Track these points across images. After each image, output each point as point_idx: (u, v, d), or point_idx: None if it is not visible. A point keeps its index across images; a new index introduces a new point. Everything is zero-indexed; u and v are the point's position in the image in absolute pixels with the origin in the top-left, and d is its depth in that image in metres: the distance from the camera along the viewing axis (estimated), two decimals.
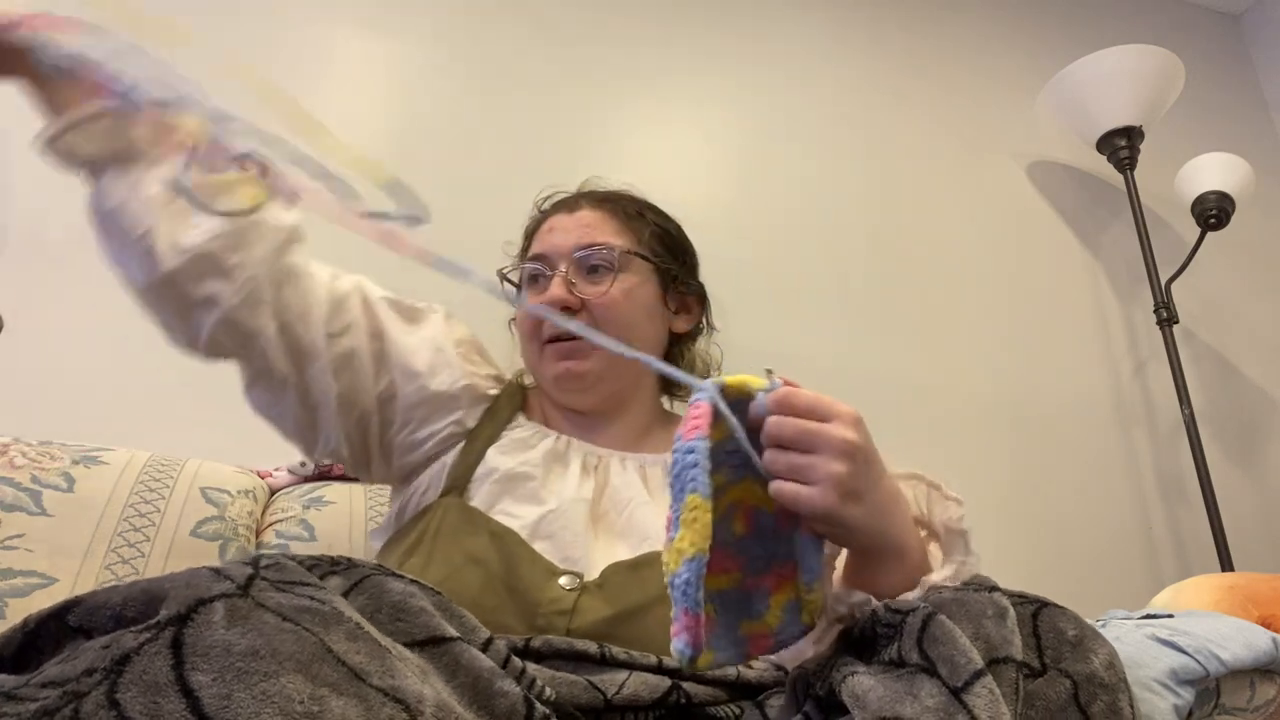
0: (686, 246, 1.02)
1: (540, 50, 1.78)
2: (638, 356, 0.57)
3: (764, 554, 0.57)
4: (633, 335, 0.91)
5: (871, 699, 0.45)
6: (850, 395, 0.67)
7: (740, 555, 0.56)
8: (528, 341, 0.93)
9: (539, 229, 0.98)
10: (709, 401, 0.51)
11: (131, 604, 0.39)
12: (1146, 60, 1.87)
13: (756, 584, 0.56)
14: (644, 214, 0.99)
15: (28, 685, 0.34)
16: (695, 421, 0.50)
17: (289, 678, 0.35)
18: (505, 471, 0.81)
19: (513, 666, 0.49)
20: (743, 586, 0.56)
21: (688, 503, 0.46)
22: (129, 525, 0.99)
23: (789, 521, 0.57)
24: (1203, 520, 1.69)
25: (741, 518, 0.57)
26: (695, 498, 0.46)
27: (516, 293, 1.02)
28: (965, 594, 0.51)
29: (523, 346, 0.95)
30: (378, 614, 0.45)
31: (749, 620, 0.56)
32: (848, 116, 1.98)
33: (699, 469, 0.47)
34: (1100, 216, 2.10)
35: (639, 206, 1.00)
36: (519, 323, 0.96)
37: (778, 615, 0.56)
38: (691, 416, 0.50)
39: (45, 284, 1.31)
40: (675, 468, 0.48)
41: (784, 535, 0.58)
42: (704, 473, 0.47)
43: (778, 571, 0.57)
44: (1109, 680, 0.48)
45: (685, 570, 0.45)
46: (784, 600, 0.56)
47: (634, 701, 0.58)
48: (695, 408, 0.51)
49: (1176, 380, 1.77)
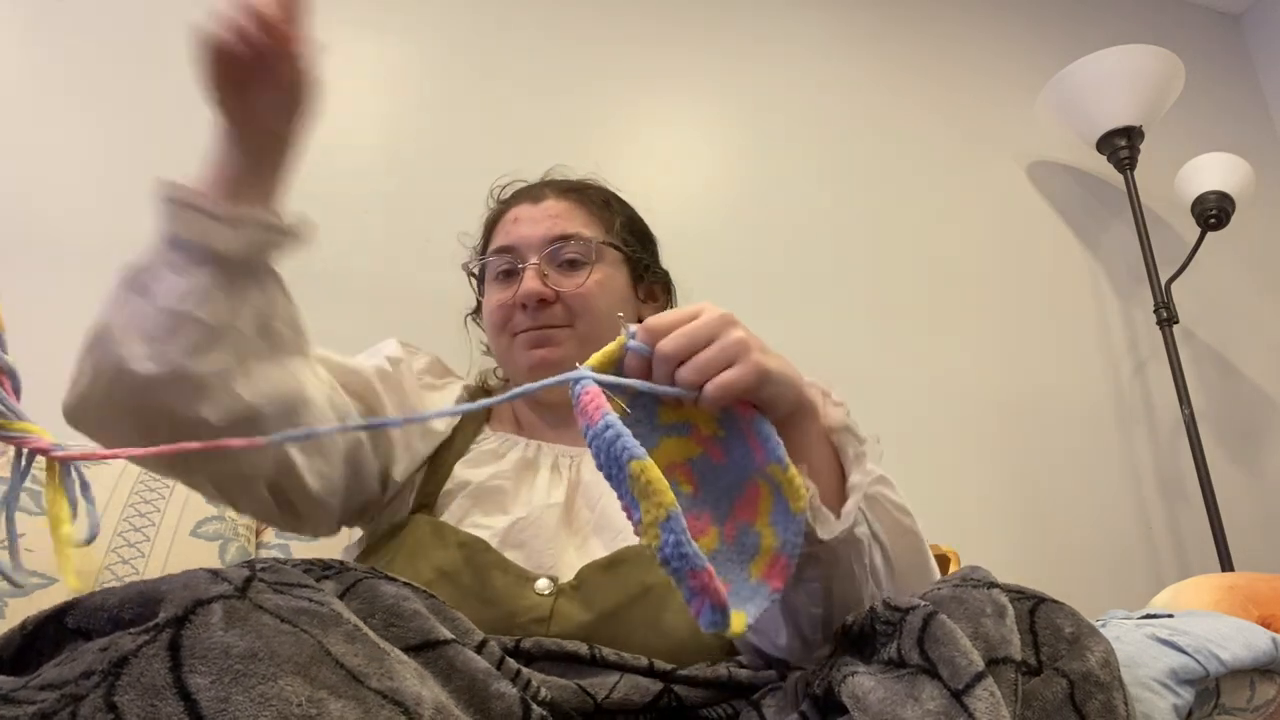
0: (650, 234, 1.02)
1: (540, 50, 1.78)
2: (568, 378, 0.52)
3: (721, 495, 0.57)
4: (605, 324, 0.90)
5: (872, 700, 0.45)
6: (850, 395, 0.67)
7: (704, 511, 0.56)
8: (497, 334, 0.91)
9: (500, 220, 0.96)
10: (591, 385, 0.49)
11: (129, 606, 0.39)
12: (1146, 60, 1.87)
13: (734, 525, 0.56)
14: (610, 203, 0.98)
15: (26, 688, 0.34)
16: (593, 403, 0.47)
17: (287, 680, 0.35)
18: (476, 485, 0.80)
19: (508, 668, 0.49)
20: (725, 538, 0.55)
21: (630, 472, 0.44)
22: (129, 525, 0.99)
23: (721, 445, 0.57)
24: (1203, 520, 1.69)
25: (682, 477, 0.56)
26: (635, 464, 0.44)
27: (479, 287, 1.01)
28: (964, 590, 0.51)
29: (492, 340, 0.94)
30: (371, 619, 0.44)
31: (752, 560, 0.54)
32: (848, 116, 1.98)
33: (622, 437, 0.45)
34: (1100, 216, 2.09)
35: (605, 195, 0.99)
36: (487, 315, 0.94)
37: (771, 534, 0.55)
38: (585, 404, 0.48)
39: (45, 284, 1.31)
40: (600, 455, 0.46)
41: (725, 465, 0.57)
42: (630, 438, 0.45)
43: (741, 501, 0.56)
44: (1104, 679, 0.48)
45: (667, 534, 0.42)
46: (765, 517, 0.55)
47: (625, 705, 0.57)
48: (584, 395, 0.48)
49: (1176, 380, 1.77)
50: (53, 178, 1.38)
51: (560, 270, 0.89)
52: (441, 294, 1.47)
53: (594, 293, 0.89)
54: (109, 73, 1.47)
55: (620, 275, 0.94)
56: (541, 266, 0.88)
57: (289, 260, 0.72)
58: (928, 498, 0.69)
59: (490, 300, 0.93)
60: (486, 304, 0.95)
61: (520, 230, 0.92)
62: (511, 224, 0.93)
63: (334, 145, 1.57)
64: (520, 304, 0.88)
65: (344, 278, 1.46)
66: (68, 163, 1.40)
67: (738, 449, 0.58)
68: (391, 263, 1.50)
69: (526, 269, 0.88)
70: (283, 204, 0.68)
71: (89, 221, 1.37)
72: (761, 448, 0.56)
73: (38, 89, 1.43)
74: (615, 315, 0.92)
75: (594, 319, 0.88)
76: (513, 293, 0.89)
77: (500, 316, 0.90)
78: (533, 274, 0.88)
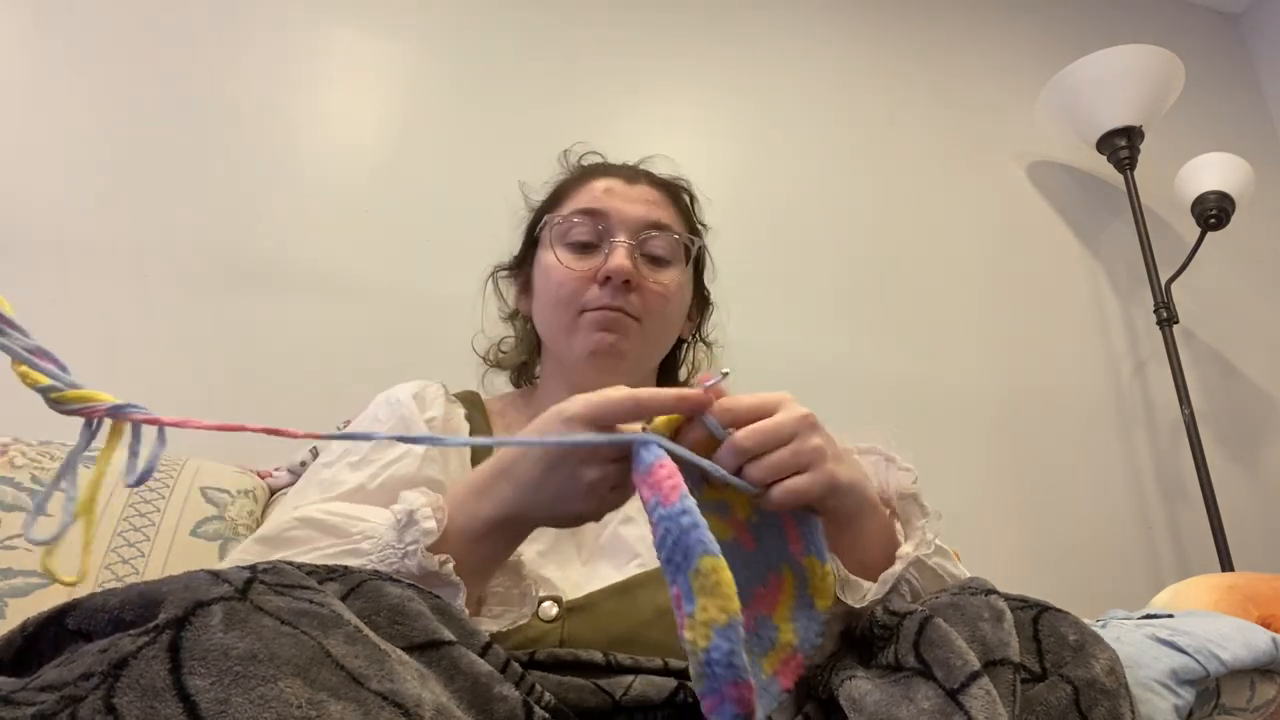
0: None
1: (541, 49, 1.78)
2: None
3: (744, 584, 0.54)
4: (668, 331, 0.88)
5: (868, 703, 0.45)
6: (850, 395, 0.67)
7: None
8: (560, 306, 0.84)
9: (584, 185, 0.89)
10: (664, 455, 0.46)
11: (129, 607, 0.39)
12: (1146, 60, 1.87)
13: (752, 616, 0.54)
14: (694, 209, 0.95)
15: (25, 689, 0.34)
16: (669, 481, 0.44)
17: (287, 682, 0.34)
18: None
19: (511, 671, 0.48)
20: (745, 627, 0.55)
21: (700, 568, 0.41)
22: (129, 525, 0.99)
23: (753, 531, 0.56)
24: (1203, 520, 1.69)
25: None
26: (709, 559, 0.41)
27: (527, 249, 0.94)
28: (962, 597, 0.51)
29: (548, 311, 0.86)
30: (375, 617, 0.44)
31: (768, 655, 0.53)
32: (848, 116, 1.98)
33: (701, 529, 0.42)
34: (1100, 216, 2.09)
35: (690, 200, 0.96)
36: (553, 283, 0.85)
37: (790, 630, 0.53)
38: (660, 479, 0.45)
39: (46, 284, 1.31)
40: (667, 539, 0.43)
41: (753, 553, 0.56)
42: (707, 531, 0.42)
43: (762, 592, 0.55)
44: (1110, 686, 0.48)
45: (721, 641, 0.40)
46: (786, 613, 0.54)
47: (642, 702, 0.57)
48: (660, 468, 0.45)
49: (1176, 380, 1.77)
50: (52, 178, 1.38)
51: (645, 260, 0.84)
52: (442, 295, 1.47)
53: (672, 296, 0.85)
54: (108, 73, 1.47)
55: (689, 286, 0.91)
56: (633, 247, 0.83)
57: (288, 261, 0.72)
58: (927, 497, 0.69)
59: (561, 267, 0.84)
60: (554, 269, 0.85)
61: (614, 203, 0.85)
62: (602, 193, 0.87)
63: (336, 146, 1.57)
64: (604, 279, 0.81)
65: (344, 278, 1.46)
66: (67, 163, 1.39)
67: (770, 538, 0.56)
68: (392, 264, 1.50)
69: (617, 245, 0.82)
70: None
71: (89, 222, 1.37)
72: (801, 539, 0.55)
73: (36, 89, 1.43)
74: (677, 326, 0.89)
75: (663, 323, 0.85)
76: (593, 266, 0.83)
77: (573, 288, 0.83)
78: (625, 251, 0.82)
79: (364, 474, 0.73)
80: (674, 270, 0.86)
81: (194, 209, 1.43)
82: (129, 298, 1.35)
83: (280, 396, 1.34)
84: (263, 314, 1.39)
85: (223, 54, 1.56)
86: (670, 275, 0.86)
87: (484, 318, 1.06)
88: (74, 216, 1.37)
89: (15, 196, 1.34)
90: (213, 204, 1.44)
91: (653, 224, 0.85)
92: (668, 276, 0.85)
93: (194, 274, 1.39)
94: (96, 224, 1.37)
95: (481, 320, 1.07)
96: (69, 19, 1.48)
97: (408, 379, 0.89)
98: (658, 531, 0.43)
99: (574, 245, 0.85)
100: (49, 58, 1.45)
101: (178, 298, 1.37)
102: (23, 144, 1.37)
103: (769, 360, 1.58)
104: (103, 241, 1.37)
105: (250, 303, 1.39)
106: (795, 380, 0.60)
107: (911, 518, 0.64)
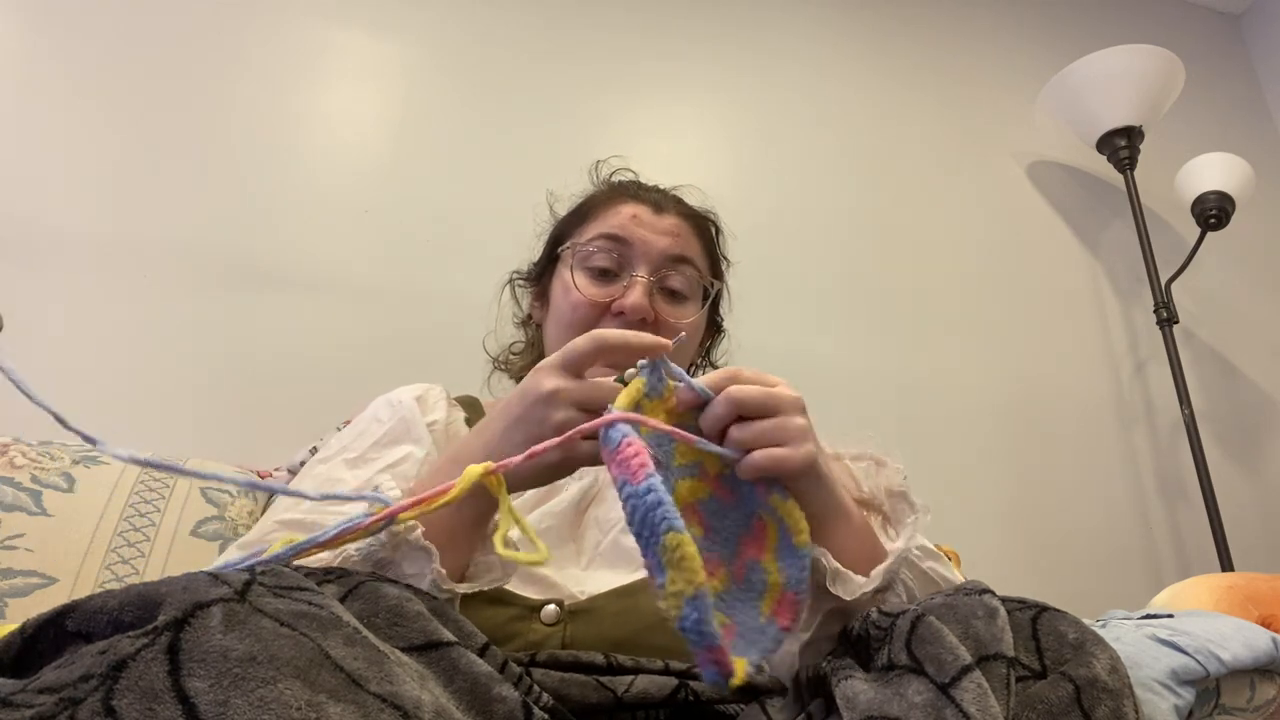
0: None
1: (541, 50, 1.78)
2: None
3: (729, 534, 0.56)
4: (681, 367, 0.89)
5: (861, 701, 0.45)
6: (850, 395, 0.68)
7: (713, 552, 0.55)
8: (570, 329, 0.83)
9: (611, 207, 0.89)
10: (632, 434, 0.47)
11: (129, 608, 0.38)
12: (1146, 60, 1.87)
13: (742, 563, 0.56)
14: (717, 243, 0.94)
15: (25, 690, 0.34)
16: (637, 459, 0.46)
17: (286, 684, 0.34)
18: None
19: (510, 672, 0.48)
20: (734, 578, 0.55)
21: (665, 543, 0.43)
22: (129, 525, 0.99)
23: (728, 483, 0.57)
24: (1203, 520, 1.69)
25: (694, 520, 0.56)
26: (673, 535, 0.43)
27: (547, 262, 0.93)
28: (955, 598, 0.51)
29: (559, 330, 0.86)
30: (374, 618, 0.44)
31: (761, 598, 0.54)
32: (848, 116, 1.98)
33: (665, 505, 0.44)
34: (1100, 216, 2.09)
35: (715, 232, 0.95)
36: (567, 305, 0.85)
37: (777, 570, 0.55)
38: (626, 456, 0.46)
39: (45, 284, 1.31)
40: (633, 515, 0.45)
41: (732, 503, 0.57)
42: (671, 507, 0.44)
43: (747, 538, 0.56)
44: (1113, 685, 0.48)
45: (690, 610, 0.43)
46: (770, 554, 0.56)
47: (644, 699, 0.57)
48: (626, 445, 0.46)
49: (1176, 380, 1.77)
50: (52, 178, 1.38)
51: (664, 295, 0.84)
52: (442, 296, 1.48)
53: (689, 335, 0.84)
54: (108, 73, 1.47)
55: (703, 321, 0.90)
56: (652, 283, 0.83)
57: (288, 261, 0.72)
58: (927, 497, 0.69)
59: (577, 291, 0.84)
60: (571, 293, 0.85)
61: (639, 232, 0.85)
62: (629, 219, 0.86)
63: (336, 146, 1.57)
64: (619, 313, 0.82)
65: (344, 279, 1.46)
66: (67, 163, 1.39)
67: (742, 484, 0.58)
68: (392, 264, 1.50)
69: (636, 280, 0.82)
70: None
71: (89, 222, 1.37)
72: (764, 484, 0.57)
73: (36, 89, 1.43)
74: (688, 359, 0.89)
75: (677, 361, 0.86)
76: (609, 295, 0.83)
77: (586, 314, 0.83)
78: (644, 288, 0.82)
79: (362, 472, 0.72)
80: (691, 306, 0.86)
81: (194, 209, 1.43)
82: (129, 297, 1.35)
83: (279, 396, 1.34)
84: (263, 314, 1.39)
85: (223, 54, 1.56)
86: (687, 312, 0.86)
87: (498, 319, 1.06)
88: (74, 216, 1.37)
89: (16, 196, 1.34)
90: (213, 204, 1.44)
91: (676, 258, 0.85)
92: (684, 313, 0.85)
93: (194, 274, 1.39)
94: (97, 224, 1.37)
95: (496, 321, 1.07)
96: (69, 19, 1.48)
97: (407, 378, 0.88)
98: (626, 509, 0.45)
99: (594, 271, 0.85)
100: (49, 58, 1.45)
101: (178, 297, 1.37)
102: (23, 144, 1.38)
103: (769, 361, 1.57)
104: (103, 241, 1.37)
105: (250, 303, 1.39)
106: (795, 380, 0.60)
107: (901, 515, 0.64)
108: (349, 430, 0.81)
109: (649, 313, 0.82)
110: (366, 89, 1.65)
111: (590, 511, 0.78)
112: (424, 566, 0.56)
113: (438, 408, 0.82)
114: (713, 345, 1.02)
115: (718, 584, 0.55)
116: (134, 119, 1.46)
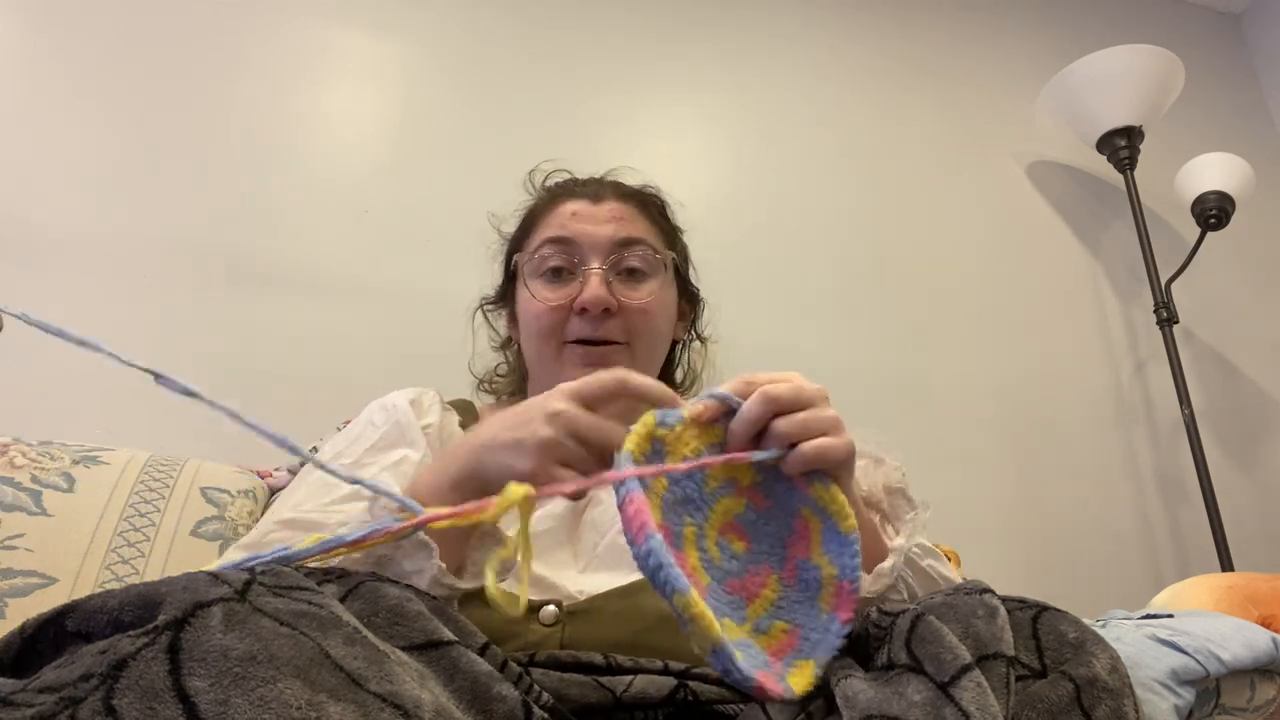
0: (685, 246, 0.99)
1: (541, 50, 1.78)
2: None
3: (774, 542, 0.56)
4: (658, 346, 0.87)
5: (860, 700, 0.45)
6: (850, 395, 0.67)
7: (760, 564, 0.55)
8: (542, 339, 0.84)
9: (551, 211, 0.89)
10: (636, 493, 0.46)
11: (129, 608, 0.38)
12: (1146, 60, 1.87)
13: (792, 566, 0.55)
14: (667, 214, 0.94)
15: (25, 690, 0.34)
16: (636, 520, 0.45)
17: (287, 683, 0.34)
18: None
19: (510, 671, 0.48)
20: (786, 583, 0.55)
21: (675, 604, 0.44)
22: (129, 525, 0.99)
23: (761, 489, 0.57)
24: (1203, 520, 1.69)
25: (734, 536, 0.55)
26: (678, 597, 0.43)
27: (507, 282, 0.94)
28: (955, 597, 0.51)
29: (533, 344, 0.87)
30: (374, 618, 0.44)
31: (818, 595, 0.54)
32: (848, 115, 1.98)
33: (665, 568, 0.44)
34: (1100, 216, 2.09)
35: (663, 205, 0.95)
36: (531, 316, 0.86)
37: (827, 562, 0.55)
38: (629, 516, 0.46)
39: (45, 284, 1.31)
40: (644, 572, 0.45)
41: (769, 509, 0.57)
42: (672, 569, 0.44)
43: (792, 539, 0.56)
44: (1113, 684, 0.48)
45: (715, 661, 0.44)
46: (819, 548, 0.55)
47: (643, 699, 0.57)
48: (629, 505, 0.46)
49: (1176, 380, 1.77)
50: (53, 177, 1.38)
51: (621, 279, 0.84)
52: (442, 295, 1.47)
53: (656, 311, 0.84)
54: (108, 73, 1.47)
55: (672, 292, 0.90)
56: (606, 272, 0.83)
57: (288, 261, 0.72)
58: (927, 497, 0.69)
59: (537, 300, 0.85)
60: (530, 303, 0.86)
61: (580, 226, 0.85)
62: (569, 218, 0.86)
63: (336, 146, 1.57)
64: (580, 310, 0.82)
65: (344, 278, 1.46)
66: (67, 163, 1.39)
67: (778, 486, 0.57)
68: (392, 264, 1.50)
69: (590, 272, 0.82)
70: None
71: (89, 221, 1.37)
72: (803, 476, 0.57)
73: (37, 89, 1.43)
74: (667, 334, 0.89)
75: (652, 340, 0.84)
76: (568, 295, 0.83)
77: (551, 320, 0.83)
78: (599, 279, 0.82)
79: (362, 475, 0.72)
80: (653, 282, 0.86)
81: (194, 209, 1.43)
82: (129, 297, 1.35)
83: (280, 396, 1.34)
84: (263, 313, 1.39)
85: (223, 54, 1.56)
86: (649, 287, 0.85)
87: (474, 345, 1.07)
88: (74, 216, 1.37)
89: (16, 196, 1.34)
90: (213, 204, 1.44)
91: (624, 241, 0.85)
92: (647, 290, 0.85)
93: (194, 274, 1.39)
94: (97, 224, 1.37)
95: (473, 347, 1.07)
96: (69, 19, 1.48)
97: (407, 378, 0.88)
98: (638, 563, 0.46)
99: (547, 275, 0.86)
100: (49, 58, 1.45)
101: (178, 297, 1.37)
102: (23, 144, 1.38)
103: (769, 361, 1.57)
104: (103, 241, 1.37)
105: (250, 302, 1.39)
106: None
107: (900, 512, 0.64)
108: (343, 435, 0.81)
109: (610, 302, 0.82)
110: (366, 89, 1.65)
111: (587, 514, 0.77)
112: (424, 562, 0.56)
113: (432, 411, 0.82)
114: (695, 317, 1.01)
115: (773, 593, 0.55)
116: (134, 119, 1.46)
